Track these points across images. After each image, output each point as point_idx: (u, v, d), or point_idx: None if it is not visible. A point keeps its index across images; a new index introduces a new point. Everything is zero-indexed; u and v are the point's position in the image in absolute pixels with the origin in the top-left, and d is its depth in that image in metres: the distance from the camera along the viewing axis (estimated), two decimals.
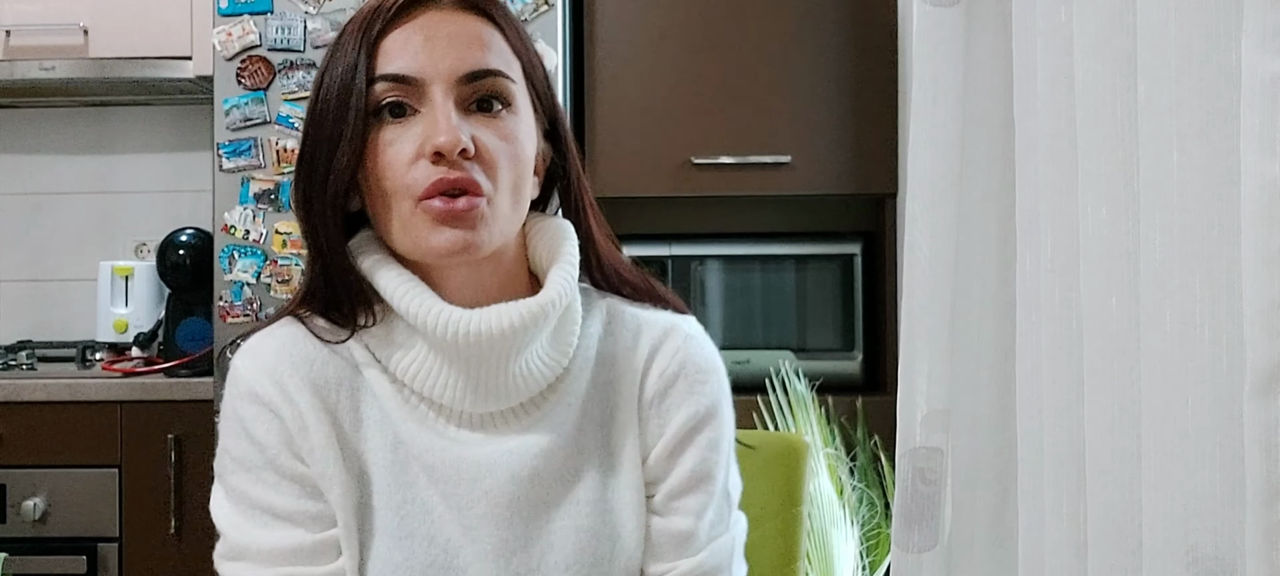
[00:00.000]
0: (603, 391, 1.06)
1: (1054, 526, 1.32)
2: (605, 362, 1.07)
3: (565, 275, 1.03)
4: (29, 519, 2.47)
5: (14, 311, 3.10)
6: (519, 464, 1.01)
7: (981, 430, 1.61)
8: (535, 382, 1.03)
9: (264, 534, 0.99)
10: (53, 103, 3.05)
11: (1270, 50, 0.91)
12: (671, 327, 1.08)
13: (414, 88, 0.98)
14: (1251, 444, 0.93)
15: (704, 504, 1.05)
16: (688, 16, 2.58)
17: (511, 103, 1.01)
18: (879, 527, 2.34)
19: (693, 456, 1.05)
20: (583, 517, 1.02)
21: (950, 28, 1.58)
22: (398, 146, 0.98)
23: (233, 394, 1.02)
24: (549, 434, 1.03)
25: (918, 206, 1.62)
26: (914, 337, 1.63)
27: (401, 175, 0.98)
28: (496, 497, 1.01)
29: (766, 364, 2.48)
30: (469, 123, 0.98)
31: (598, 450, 1.05)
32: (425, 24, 1.00)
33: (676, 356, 1.07)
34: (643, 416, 1.06)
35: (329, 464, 1.00)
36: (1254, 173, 0.93)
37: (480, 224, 0.98)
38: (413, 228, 0.98)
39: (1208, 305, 1.04)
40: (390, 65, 0.99)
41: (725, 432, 1.08)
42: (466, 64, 0.99)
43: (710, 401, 1.07)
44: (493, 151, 0.99)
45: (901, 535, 1.66)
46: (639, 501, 1.05)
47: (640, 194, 2.59)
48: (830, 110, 2.56)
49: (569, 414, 1.04)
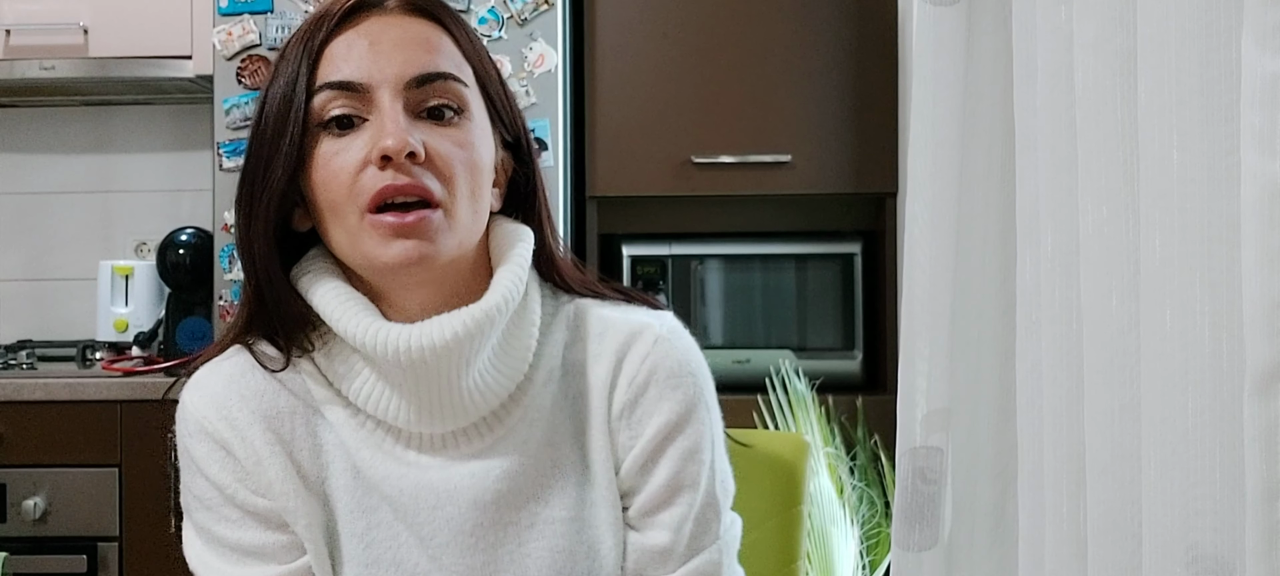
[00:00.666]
0: (573, 403, 1.01)
1: (1054, 525, 1.32)
2: (574, 372, 1.01)
3: (512, 276, 0.97)
4: (29, 518, 2.47)
5: (14, 311, 3.10)
6: (480, 488, 0.97)
7: (981, 429, 1.61)
8: (491, 396, 0.97)
9: (237, 571, 0.96)
10: (53, 102, 3.05)
11: (1270, 49, 0.91)
12: (640, 330, 1.01)
13: (359, 95, 0.93)
14: (1251, 443, 0.93)
15: (682, 517, 0.99)
16: (688, 16, 2.58)
17: (465, 109, 0.96)
18: (879, 527, 2.33)
19: (667, 468, 0.99)
20: (558, 537, 0.97)
21: (951, 27, 1.58)
22: (343, 156, 0.93)
23: (183, 431, 0.98)
24: (512, 454, 0.98)
25: (918, 205, 1.62)
26: (914, 337, 1.63)
27: (346, 184, 0.92)
28: (459, 525, 0.96)
29: (767, 363, 2.47)
30: (419, 129, 0.93)
31: (572, 466, 0.99)
32: (370, 29, 0.95)
33: (646, 362, 1.00)
34: (613, 428, 1.00)
35: (289, 497, 0.96)
36: (1254, 172, 0.93)
37: (435, 234, 0.92)
38: (362, 241, 0.93)
39: (1208, 304, 1.04)
40: (334, 73, 0.94)
41: (706, 436, 1.01)
42: (414, 67, 0.94)
43: (684, 407, 0.99)
44: (446, 158, 0.93)
45: (902, 534, 1.66)
46: (616, 517, 1.00)
47: (640, 193, 2.59)
48: (831, 109, 2.56)
49: (534, 430, 0.99)
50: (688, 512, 1.00)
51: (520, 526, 0.98)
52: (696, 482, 1.00)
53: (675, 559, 0.99)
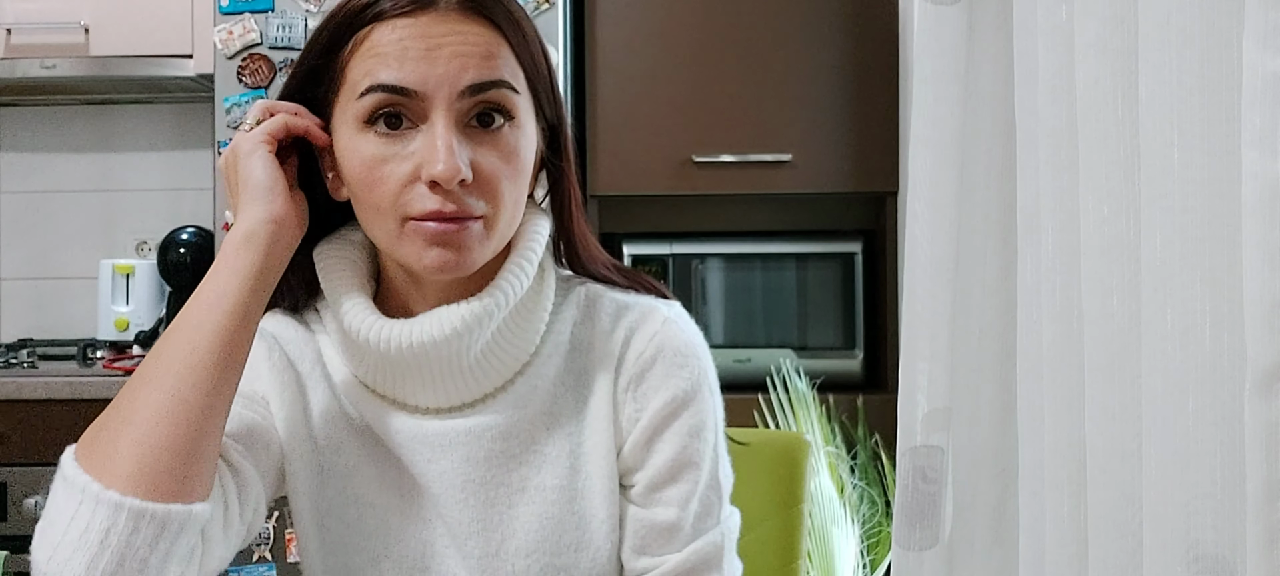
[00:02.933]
0: (577, 377, 1.03)
1: (1054, 524, 1.32)
2: (580, 348, 1.03)
3: (518, 269, 0.99)
4: (30, 517, 2.47)
5: (15, 309, 3.10)
6: (475, 446, 0.99)
7: (982, 428, 1.61)
8: (496, 375, 1.00)
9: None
10: (54, 101, 3.05)
11: (1271, 48, 0.91)
12: (650, 310, 1.03)
13: (412, 101, 0.93)
14: (1252, 442, 0.93)
15: (688, 494, 1.00)
16: (688, 15, 2.58)
17: (514, 116, 0.96)
18: (880, 526, 2.34)
19: (672, 443, 1.00)
20: (548, 504, 0.99)
21: (951, 26, 1.58)
22: (392, 165, 0.93)
23: None
24: (509, 414, 1.00)
25: (919, 204, 1.63)
26: (915, 336, 1.63)
27: (392, 194, 0.94)
28: (451, 478, 0.99)
29: (767, 362, 2.48)
30: (467, 141, 0.94)
31: (569, 437, 1.01)
32: (426, 29, 0.94)
33: (654, 339, 1.01)
34: (618, 402, 1.02)
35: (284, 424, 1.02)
36: (1255, 171, 0.93)
37: (474, 244, 0.94)
38: (402, 244, 0.95)
39: (1208, 303, 1.04)
40: (385, 73, 0.93)
41: (708, 420, 1.02)
42: (469, 77, 0.93)
43: (689, 385, 1.01)
44: (493, 175, 0.94)
45: (902, 533, 1.66)
46: (611, 491, 1.01)
47: (641, 192, 2.59)
48: (831, 108, 2.56)
49: (534, 397, 1.01)
50: (693, 490, 1.00)
51: (510, 488, 1.00)
52: (700, 462, 1.01)
53: (682, 536, 1.00)
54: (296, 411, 1.02)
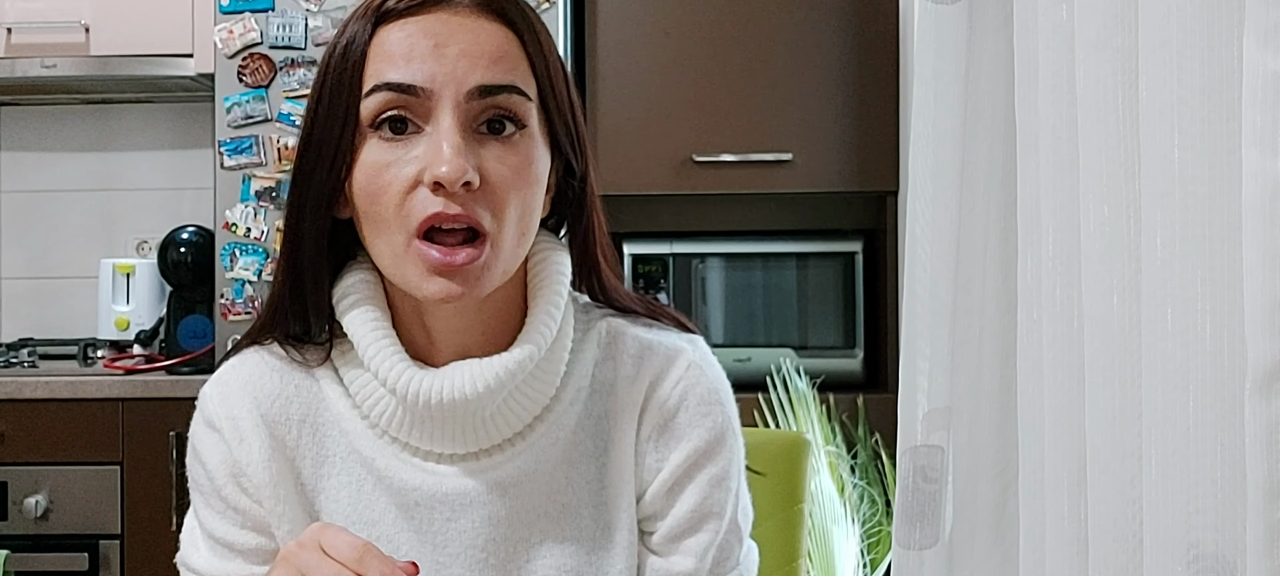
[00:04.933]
0: (597, 422, 0.98)
1: (1055, 524, 1.32)
2: (602, 391, 0.99)
3: (548, 316, 0.95)
4: (31, 516, 2.48)
5: (16, 309, 3.10)
6: (498, 503, 0.95)
7: (983, 428, 1.61)
8: (516, 421, 0.96)
9: (205, 559, 0.96)
10: (54, 100, 3.05)
11: (1272, 48, 0.91)
12: (674, 354, 0.99)
13: (418, 100, 0.88)
14: (1252, 442, 0.93)
15: (707, 544, 0.97)
16: (689, 14, 2.58)
17: (526, 123, 0.91)
18: (880, 525, 2.34)
19: (695, 494, 0.97)
20: (567, 558, 0.96)
21: (952, 25, 1.58)
22: (394, 171, 0.89)
23: (196, 417, 0.99)
24: (531, 467, 0.96)
25: (919, 204, 1.62)
26: (915, 335, 1.63)
27: (395, 202, 0.89)
28: (472, 537, 0.95)
29: (767, 361, 2.48)
30: (476, 146, 0.89)
31: (588, 485, 0.97)
32: (436, 27, 0.90)
33: (679, 386, 0.98)
34: (640, 451, 0.98)
35: (279, 502, 0.95)
36: (1255, 171, 0.93)
37: (479, 276, 0.89)
38: (405, 266, 0.90)
39: (1209, 303, 1.04)
40: (392, 72, 0.89)
41: (733, 465, 0.99)
42: (477, 77, 0.89)
43: (714, 434, 0.98)
44: (500, 183, 0.89)
45: (903, 533, 1.66)
46: (631, 543, 0.97)
47: (641, 191, 2.59)
48: (832, 107, 2.56)
49: (555, 447, 0.97)
50: (712, 540, 0.98)
51: (531, 543, 0.96)
52: (722, 511, 0.98)
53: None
54: (292, 488, 0.96)
